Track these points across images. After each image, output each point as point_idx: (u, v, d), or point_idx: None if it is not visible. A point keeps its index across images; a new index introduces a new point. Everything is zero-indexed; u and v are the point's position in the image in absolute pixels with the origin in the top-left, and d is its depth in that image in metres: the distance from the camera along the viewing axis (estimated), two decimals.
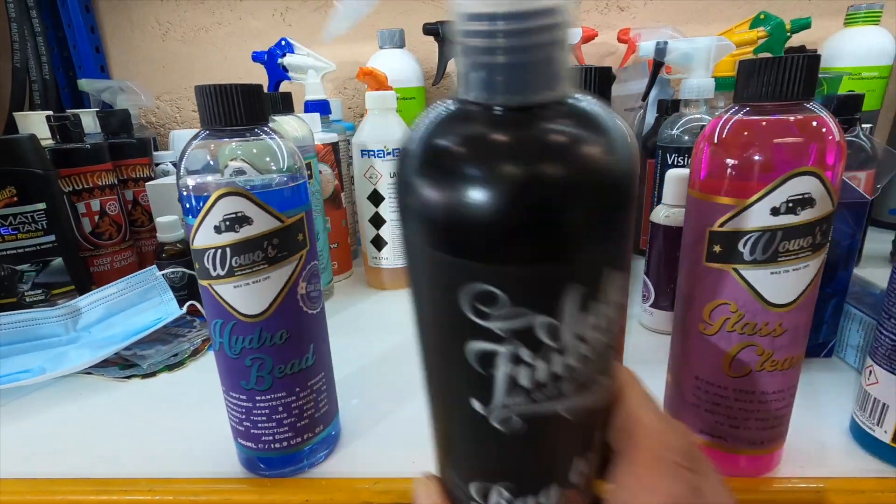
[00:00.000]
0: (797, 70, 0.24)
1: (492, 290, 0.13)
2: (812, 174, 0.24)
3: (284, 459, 0.31)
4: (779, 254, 0.25)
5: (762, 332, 0.26)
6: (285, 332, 0.29)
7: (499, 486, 0.17)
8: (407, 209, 0.14)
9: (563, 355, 0.14)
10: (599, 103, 0.14)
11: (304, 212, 0.29)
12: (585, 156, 0.13)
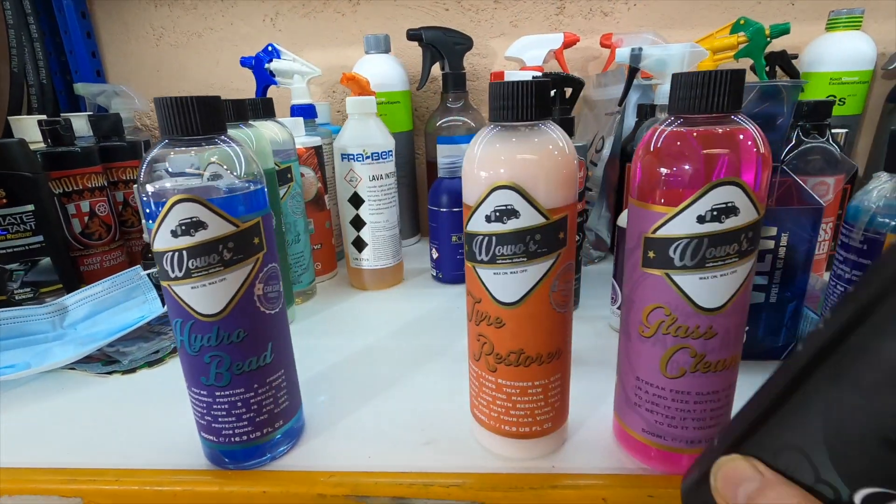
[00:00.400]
0: (723, 84, 0.25)
1: None
2: (734, 184, 0.25)
3: (246, 453, 0.33)
4: (706, 260, 0.26)
5: (694, 335, 0.27)
6: (242, 331, 0.30)
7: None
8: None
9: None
10: None
11: (260, 216, 0.30)
12: None
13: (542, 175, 0.27)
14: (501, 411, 0.31)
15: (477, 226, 0.28)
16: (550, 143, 0.28)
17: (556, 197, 0.27)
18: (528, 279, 0.28)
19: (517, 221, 0.27)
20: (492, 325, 0.30)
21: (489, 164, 0.28)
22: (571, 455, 0.33)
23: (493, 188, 0.27)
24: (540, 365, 0.30)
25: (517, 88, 0.27)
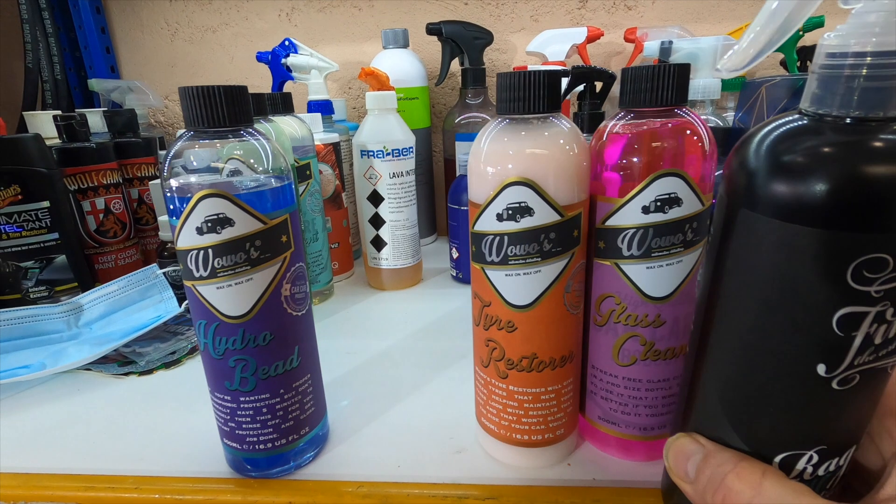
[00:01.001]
0: (669, 78, 0.25)
1: (884, 257, 0.16)
2: (677, 175, 0.25)
3: (270, 460, 0.31)
4: (652, 250, 0.26)
5: (643, 324, 0.28)
6: (269, 334, 0.29)
7: (812, 451, 0.19)
8: (786, 203, 0.17)
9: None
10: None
11: (288, 213, 0.29)
12: None
13: (558, 170, 0.26)
14: (513, 419, 0.30)
15: (487, 225, 0.27)
16: (564, 136, 0.26)
17: (570, 193, 0.26)
18: (542, 280, 0.27)
19: (531, 219, 0.26)
20: (503, 330, 0.28)
21: (500, 159, 0.26)
22: (609, 467, 0.31)
23: (505, 184, 0.26)
24: (553, 370, 0.29)
25: (527, 79, 0.25)
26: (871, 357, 0.17)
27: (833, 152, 0.17)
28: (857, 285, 0.17)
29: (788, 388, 0.19)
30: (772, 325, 0.19)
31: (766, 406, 0.20)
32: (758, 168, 0.18)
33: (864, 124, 0.17)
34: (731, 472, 0.19)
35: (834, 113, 0.17)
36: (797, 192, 0.17)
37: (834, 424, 0.19)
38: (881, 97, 0.16)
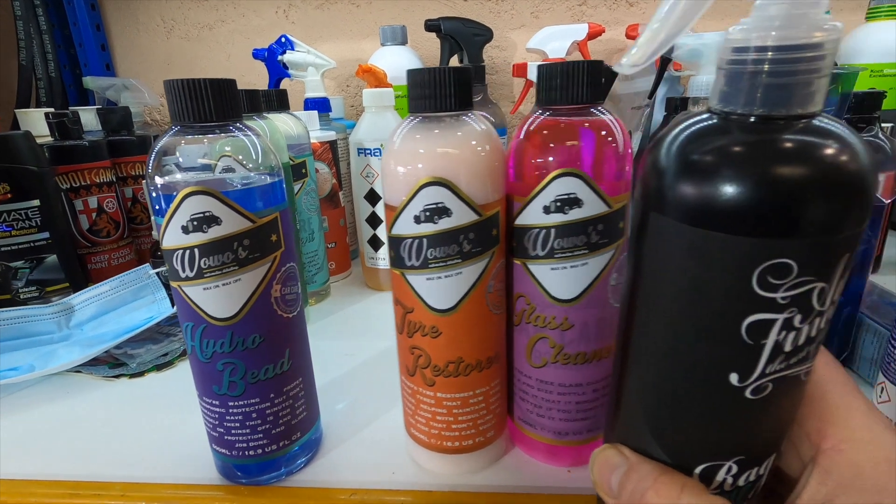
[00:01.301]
0: (581, 75, 0.25)
1: (787, 262, 0.15)
2: (575, 175, 0.25)
3: (261, 467, 0.30)
4: (555, 251, 0.26)
5: (551, 326, 0.27)
6: (258, 337, 0.28)
7: (731, 462, 0.19)
8: (691, 206, 0.16)
9: (821, 319, 0.16)
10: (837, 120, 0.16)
11: (278, 212, 0.28)
12: (850, 154, 0.15)
13: (473, 169, 0.25)
14: (443, 427, 0.29)
15: (404, 228, 0.26)
16: (479, 134, 0.26)
17: (487, 192, 0.26)
18: (463, 282, 0.26)
19: (449, 220, 0.25)
20: (427, 336, 0.27)
21: (415, 158, 0.25)
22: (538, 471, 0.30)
23: (421, 185, 0.25)
24: (480, 372, 0.28)
25: (438, 76, 0.25)
26: (782, 365, 0.17)
27: (734, 154, 0.16)
28: (763, 292, 0.16)
29: (703, 398, 0.18)
30: (684, 332, 0.18)
31: (683, 415, 0.19)
32: (663, 169, 0.17)
33: (768, 123, 0.16)
34: (650, 487, 0.19)
35: (738, 111, 0.16)
36: (699, 195, 0.16)
37: (751, 434, 0.18)
38: (784, 94, 0.15)
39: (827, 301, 0.16)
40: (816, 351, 0.17)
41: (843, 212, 0.15)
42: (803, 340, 0.16)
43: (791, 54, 0.15)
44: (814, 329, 0.16)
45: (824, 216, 0.15)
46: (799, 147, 0.15)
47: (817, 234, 0.15)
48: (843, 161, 0.15)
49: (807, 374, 0.18)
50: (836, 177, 0.15)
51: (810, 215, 0.15)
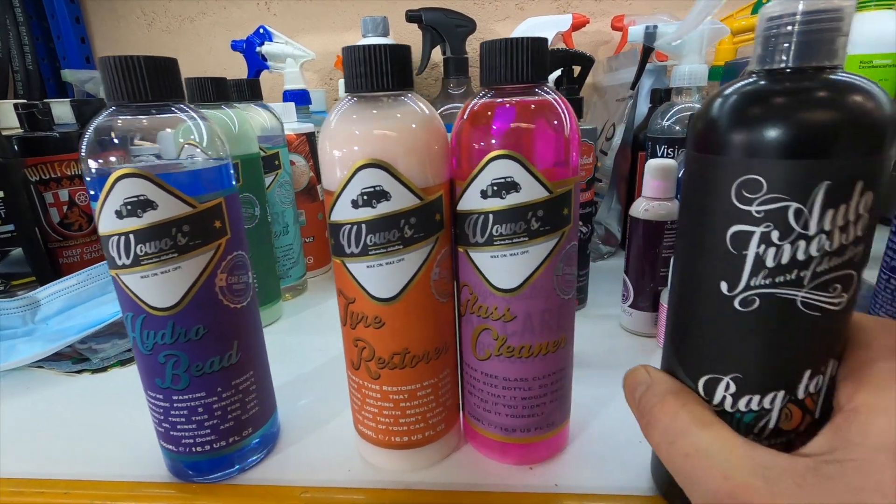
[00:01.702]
0: (523, 53, 0.23)
1: (758, 178, 0.18)
2: (511, 158, 0.23)
3: (212, 464, 0.29)
4: (494, 237, 0.25)
5: (494, 317, 0.26)
6: (202, 328, 0.26)
7: (728, 378, 0.21)
8: (712, 136, 0.20)
9: (809, 244, 0.18)
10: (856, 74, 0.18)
11: (223, 197, 0.26)
12: (842, 95, 0.18)
13: (413, 151, 0.24)
14: (390, 421, 0.28)
15: (342, 213, 0.24)
16: (418, 115, 0.25)
17: (429, 175, 0.25)
18: (406, 269, 0.25)
19: (389, 204, 0.24)
20: (370, 327, 0.26)
21: (350, 140, 0.24)
22: (575, 471, 0.29)
23: (357, 167, 0.23)
24: (428, 363, 0.27)
25: (372, 53, 0.23)
26: (766, 281, 0.19)
27: (728, 96, 0.20)
28: (740, 204, 0.19)
29: (702, 308, 0.21)
30: (689, 247, 0.21)
31: (689, 327, 0.22)
32: (696, 115, 0.21)
33: (762, 75, 0.19)
34: (657, 403, 0.21)
35: (752, 69, 0.20)
36: (703, 126, 0.20)
37: (743, 350, 0.20)
38: (768, 54, 0.19)
39: (811, 225, 0.18)
40: (822, 285, 0.19)
41: (808, 138, 0.17)
42: (788, 260, 0.19)
43: (779, 21, 0.18)
44: (801, 252, 0.18)
45: (783, 141, 0.18)
46: (770, 86, 0.19)
47: (782, 156, 0.18)
48: (815, 94, 0.18)
49: (808, 306, 0.19)
50: (800, 106, 0.18)
51: (767, 140, 0.18)
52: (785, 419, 0.20)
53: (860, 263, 0.19)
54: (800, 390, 0.20)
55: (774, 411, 0.20)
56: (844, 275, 0.19)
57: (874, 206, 0.18)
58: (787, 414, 0.20)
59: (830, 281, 0.19)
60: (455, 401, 0.30)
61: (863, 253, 0.19)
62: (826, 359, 0.20)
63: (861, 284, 0.20)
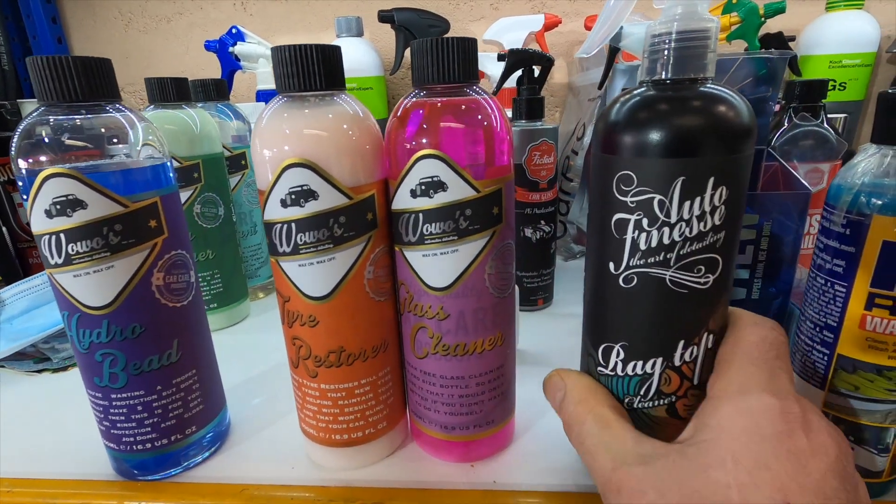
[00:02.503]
0: (452, 52, 0.24)
1: (630, 174, 0.21)
2: (437, 158, 0.24)
3: (156, 462, 0.29)
4: (424, 236, 0.25)
5: (428, 315, 0.27)
6: (138, 326, 0.27)
7: (618, 345, 0.24)
8: (606, 138, 0.22)
9: (671, 230, 0.21)
10: (724, 86, 0.22)
11: (158, 196, 0.27)
12: (698, 104, 0.21)
13: (341, 150, 0.24)
14: (329, 419, 0.28)
15: (273, 213, 0.25)
16: (348, 115, 0.25)
17: (360, 174, 0.25)
18: (337, 268, 0.25)
19: (317, 203, 0.24)
20: (305, 325, 0.26)
21: (277, 139, 0.24)
22: (515, 468, 0.29)
23: (284, 167, 0.24)
24: (365, 361, 0.27)
25: (301, 53, 0.23)
26: (641, 261, 0.22)
27: (616, 103, 0.22)
28: (619, 196, 0.22)
29: (599, 285, 0.24)
30: (593, 234, 0.24)
31: (592, 302, 0.25)
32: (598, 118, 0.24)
33: (648, 85, 0.22)
34: (572, 409, 0.24)
35: (641, 80, 0.22)
36: (600, 129, 0.23)
37: (628, 321, 0.23)
38: (652, 67, 0.22)
39: (672, 213, 0.21)
40: (686, 266, 0.21)
41: (665, 140, 0.20)
42: (656, 244, 0.21)
43: (661, 38, 0.21)
44: (665, 237, 0.21)
45: (646, 143, 0.20)
46: (644, 95, 0.21)
47: (645, 156, 0.21)
48: (669, 104, 0.21)
49: (676, 284, 0.22)
50: (656, 114, 0.21)
51: (636, 142, 0.21)
52: (665, 383, 0.23)
53: (724, 249, 0.21)
54: (675, 358, 0.23)
55: (655, 376, 0.23)
56: (708, 258, 0.21)
57: (731, 199, 0.21)
58: (666, 378, 0.23)
59: (694, 263, 0.21)
60: (398, 399, 0.30)
61: (724, 240, 0.21)
62: (699, 332, 0.23)
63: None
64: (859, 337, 0.24)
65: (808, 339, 0.26)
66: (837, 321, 0.24)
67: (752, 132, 0.21)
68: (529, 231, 0.47)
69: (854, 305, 0.23)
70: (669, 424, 0.25)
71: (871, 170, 0.23)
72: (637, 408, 0.25)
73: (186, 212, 0.45)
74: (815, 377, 0.26)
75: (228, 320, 0.50)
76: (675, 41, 0.21)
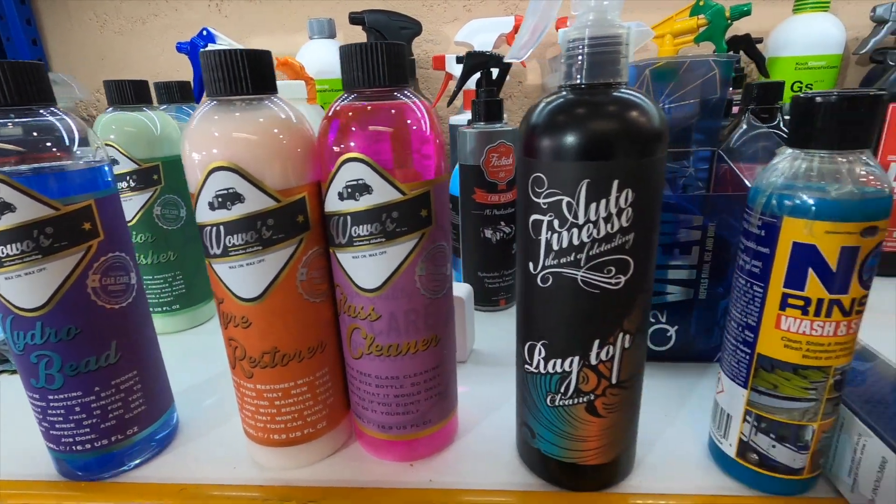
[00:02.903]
0: (379, 57, 0.24)
1: (541, 176, 0.22)
2: (361, 161, 0.24)
3: (99, 462, 0.30)
4: (353, 238, 0.25)
5: (361, 316, 0.27)
6: (74, 328, 0.27)
7: (539, 343, 0.24)
8: (524, 141, 0.23)
9: (580, 231, 0.22)
10: (635, 90, 0.22)
11: (93, 199, 0.27)
12: (611, 109, 0.21)
13: (266, 153, 0.24)
14: (267, 419, 0.28)
15: (202, 215, 0.25)
16: (275, 118, 0.25)
17: (290, 177, 0.25)
18: (267, 270, 0.25)
19: (243, 206, 0.24)
20: (238, 327, 0.27)
21: (204, 143, 0.24)
22: (453, 467, 0.30)
23: (210, 170, 0.24)
24: (300, 362, 0.28)
25: (228, 58, 0.24)
26: (554, 261, 0.23)
27: (533, 108, 0.23)
28: (534, 197, 0.22)
29: (522, 284, 0.25)
30: (518, 235, 0.25)
31: (519, 301, 0.26)
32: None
33: (566, 90, 0.22)
34: None
35: (560, 84, 0.23)
36: (520, 133, 0.23)
37: (546, 319, 0.24)
38: (569, 72, 0.22)
39: (579, 215, 0.21)
40: (596, 267, 0.22)
41: (568, 144, 0.21)
42: (566, 244, 0.22)
43: (574, 44, 0.22)
44: (576, 238, 0.22)
45: (555, 146, 0.21)
46: (555, 101, 0.22)
47: (554, 159, 0.21)
48: (579, 108, 0.21)
49: (587, 284, 0.22)
50: (565, 118, 0.21)
51: (546, 144, 0.22)
52: (583, 381, 0.24)
53: (634, 251, 0.22)
54: (592, 357, 0.24)
55: (573, 374, 0.24)
56: (618, 259, 0.22)
57: (639, 201, 0.21)
58: (584, 377, 0.24)
59: (604, 264, 0.22)
60: (340, 399, 0.31)
61: (634, 242, 0.22)
62: (613, 332, 0.23)
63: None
64: (776, 336, 0.24)
65: (733, 338, 0.26)
66: (756, 321, 0.25)
67: (661, 137, 0.22)
68: (489, 232, 0.48)
69: (770, 305, 0.24)
70: (590, 422, 0.25)
71: (783, 173, 0.23)
72: (559, 405, 0.25)
73: (146, 214, 0.45)
74: (739, 376, 0.26)
75: (192, 321, 0.50)
76: (588, 47, 0.21)
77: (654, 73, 0.39)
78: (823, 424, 0.25)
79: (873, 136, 0.22)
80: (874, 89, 0.22)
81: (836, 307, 0.23)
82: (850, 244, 0.22)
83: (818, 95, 0.22)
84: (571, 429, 0.25)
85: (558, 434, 0.26)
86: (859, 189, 0.22)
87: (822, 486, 0.27)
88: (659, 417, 0.33)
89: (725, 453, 0.28)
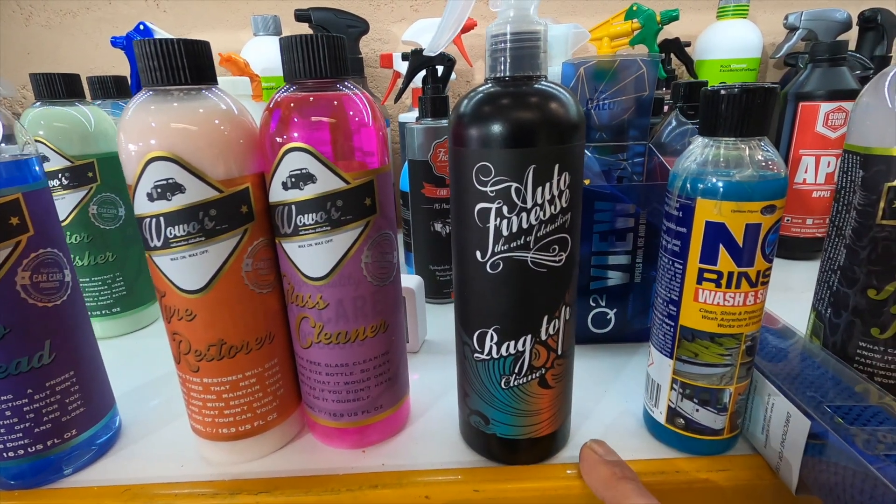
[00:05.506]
0: (319, 49, 0.25)
1: (488, 165, 0.23)
2: (304, 150, 0.25)
3: (34, 468, 0.28)
4: (299, 228, 0.26)
5: (309, 305, 0.27)
6: (2, 328, 0.26)
7: (491, 329, 0.25)
8: (460, 132, 0.24)
9: (529, 214, 0.23)
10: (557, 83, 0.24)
11: (20, 192, 0.26)
12: (542, 99, 0.23)
13: (208, 143, 0.24)
14: (215, 413, 0.28)
15: (141, 207, 0.25)
16: (215, 108, 0.25)
17: (232, 167, 0.25)
18: (211, 261, 0.26)
19: (184, 197, 0.24)
20: (182, 320, 0.27)
21: (140, 133, 0.24)
22: (404, 450, 0.30)
23: (147, 161, 0.24)
24: (248, 353, 0.28)
25: (165, 47, 0.24)
26: (504, 247, 0.24)
27: (465, 100, 0.24)
28: (479, 186, 0.23)
29: (467, 274, 0.25)
30: (456, 225, 0.25)
31: (463, 291, 0.26)
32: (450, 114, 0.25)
33: (492, 82, 0.24)
34: (627, 489, 0.24)
35: (486, 77, 0.24)
36: (453, 124, 0.24)
37: (498, 305, 0.25)
38: (494, 65, 0.24)
39: (528, 199, 0.23)
40: (543, 248, 0.24)
41: (511, 134, 0.22)
42: (516, 229, 0.23)
43: (501, 38, 0.23)
44: (524, 222, 0.23)
45: (500, 136, 0.22)
46: (493, 91, 0.23)
47: (500, 148, 0.22)
48: (521, 99, 0.23)
49: (536, 265, 0.24)
50: (510, 108, 0.22)
51: (491, 135, 0.22)
52: (535, 357, 0.26)
53: (570, 229, 0.24)
54: (542, 332, 0.25)
55: (526, 352, 0.25)
56: (560, 238, 0.24)
57: (573, 183, 0.23)
58: (536, 353, 0.25)
59: (549, 243, 0.24)
60: (290, 390, 0.31)
61: (571, 220, 0.24)
62: (558, 306, 0.25)
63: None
64: (695, 309, 0.26)
65: (660, 313, 0.28)
66: (678, 295, 0.27)
67: (582, 125, 0.24)
68: (439, 226, 0.49)
69: (689, 280, 0.26)
70: (542, 395, 0.27)
71: (696, 158, 0.26)
72: (513, 386, 0.26)
73: (81, 212, 0.43)
74: (666, 348, 0.28)
75: (134, 324, 0.48)
76: (510, 42, 0.23)
77: (588, 71, 0.42)
78: (739, 387, 0.27)
79: (769, 124, 0.24)
80: (769, 83, 0.24)
81: (744, 279, 0.25)
82: (753, 221, 0.24)
83: (723, 88, 0.24)
84: (526, 405, 0.27)
85: (514, 414, 0.27)
86: (759, 172, 0.24)
87: (742, 445, 0.30)
88: (597, 393, 0.35)
89: (657, 420, 0.30)
